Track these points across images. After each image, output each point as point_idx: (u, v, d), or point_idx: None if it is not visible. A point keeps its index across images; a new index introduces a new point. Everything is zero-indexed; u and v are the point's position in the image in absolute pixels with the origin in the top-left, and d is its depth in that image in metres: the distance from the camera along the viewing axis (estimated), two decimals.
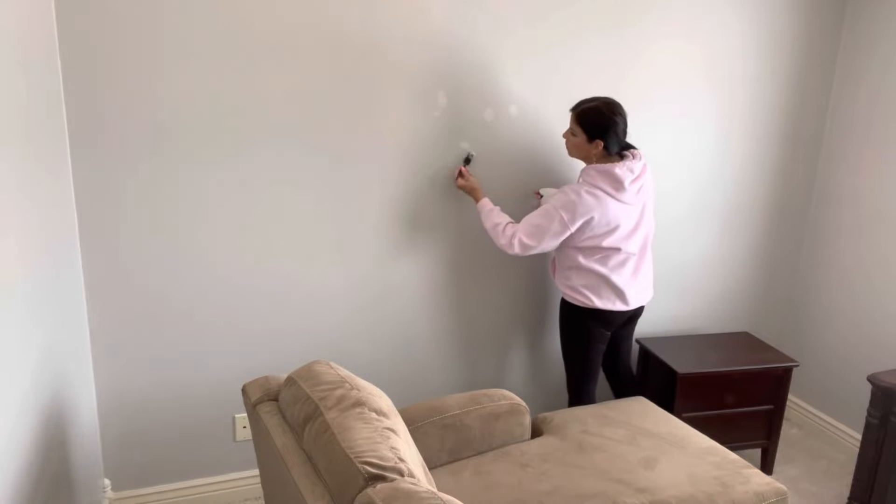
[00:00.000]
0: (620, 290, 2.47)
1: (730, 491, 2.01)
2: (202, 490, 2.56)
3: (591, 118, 2.34)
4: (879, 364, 2.90)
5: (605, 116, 2.33)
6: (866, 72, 2.92)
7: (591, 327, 2.53)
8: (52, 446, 1.84)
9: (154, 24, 2.11)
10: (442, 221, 2.62)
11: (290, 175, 2.37)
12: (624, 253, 2.44)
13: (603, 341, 2.59)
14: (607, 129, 2.34)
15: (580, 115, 2.36)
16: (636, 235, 2.45)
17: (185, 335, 2.39)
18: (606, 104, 2.35)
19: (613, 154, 2.40)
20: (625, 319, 2.60)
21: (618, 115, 2.34)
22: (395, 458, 1.40)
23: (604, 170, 2.35)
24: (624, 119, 2.36)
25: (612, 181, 2.35)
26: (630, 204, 2.39)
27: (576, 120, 2.38)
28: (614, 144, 2.37)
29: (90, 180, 2.17)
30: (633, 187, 2.38)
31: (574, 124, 2.38)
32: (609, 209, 2.35)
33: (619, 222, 2.38)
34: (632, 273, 2.49)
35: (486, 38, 2.48)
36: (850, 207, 3.03)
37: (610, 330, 2.58)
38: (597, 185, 2.35)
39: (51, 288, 1.88)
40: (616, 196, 2.35)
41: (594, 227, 2.36)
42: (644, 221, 2.47)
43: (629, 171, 2.36)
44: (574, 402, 2.65)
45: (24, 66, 1.69)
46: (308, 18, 2.25)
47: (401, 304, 2.65)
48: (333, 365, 1.72)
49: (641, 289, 2.55)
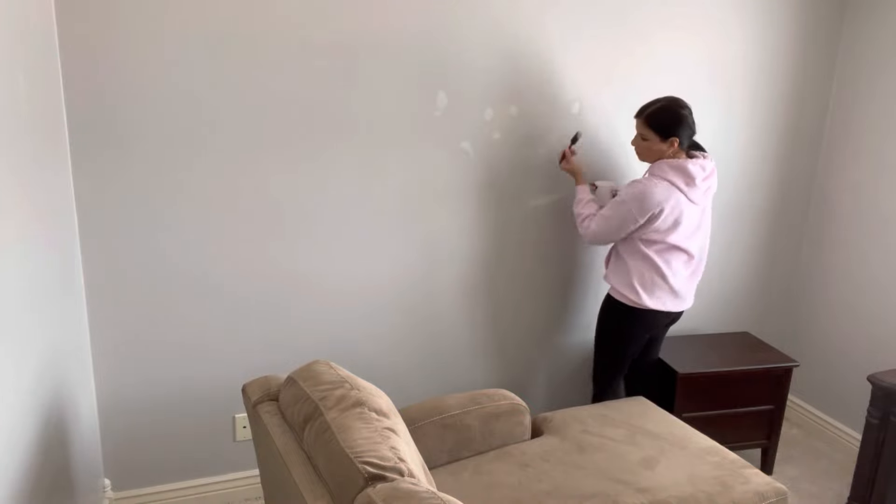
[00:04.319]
0: (675, 290, 2.47)
1: (730, 491, 2.01)
2: (202, 490, 2.56)
3: (661, 118, 2.36)
4: (880, 364, 2.90)
5: (675, 112, 2.35)
6: (866, 70, 2.92)
7: (633, 327, 2.53)
8: (52, 446, 1.84)
9: (154, 24, 2.11)
10: (442, 222, 2.62)
11: (291, 175, 2.37)
12: (686, 253, 2.44)
13: (641, 343, 2.59)
14: (679, 125, 2.35)
15: (649, 117, 2.37)
16: (697, 236, 2.45)
17: (185, 335, 2.39)
18: (672, 101, 2.37)
19: (685, 150, 2.41)
20: (666, 322, 2.60)
21: (685, 108, 2.37)
22: (395, 458, 1.40)
23: (676, 164, 2.35)
24: (691, 112, 2.38)
25: (684, 176, 2.35)
26: (696, 203, 2.40)
27: (645, 124, 2.38)
28: (687, 139, 2.39)
29: (90, 180, 2.17)
30: (703, 185, 2.39)
31: (644, 129, 2.39)
32: (678, 203, 2.35)
33: (684, 219, 2.38)
34: (690, 275, 2.50)
35: (487, 37, 2.48)
36: (850, 207, 3.03)
37: (651, 332, 2.58)
38: (668, 178, 2.35)
39: (51, 288, 1.88)
40: (686, 192, 2.35)
41: (662, 220, 2.35)
42: (704, 224, 2.47)
43: (701, 169, 2.37)
44: (598, 396, 2.67)
45: (24, 66, 1.69)
46: (308, 18, 2.25)
47: (401, 304, 2.65)
48: (333, 365, 1.72)
49: (690, 293, 2.55)
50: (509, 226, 2.71)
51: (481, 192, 2.63)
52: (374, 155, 2.45)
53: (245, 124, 2.28)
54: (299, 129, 2.34)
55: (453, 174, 2.57)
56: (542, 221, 2.75)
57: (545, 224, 2.76)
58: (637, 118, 2.42)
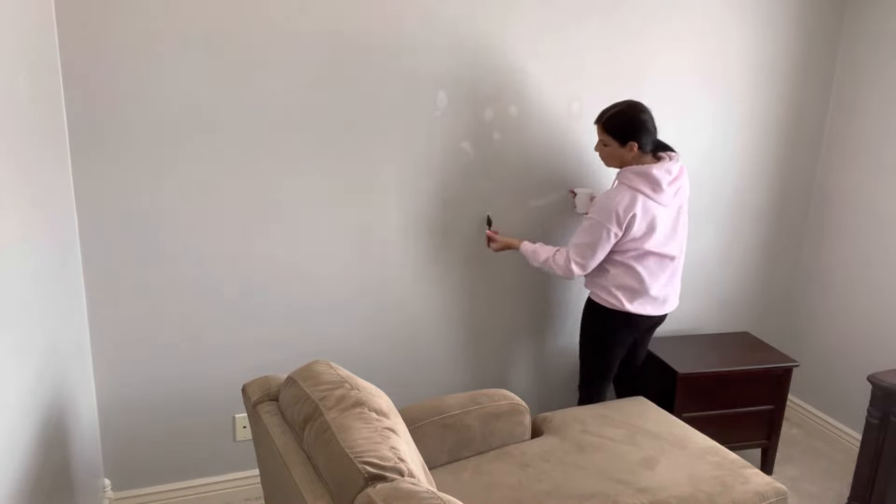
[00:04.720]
0: (654, 295, 2.46)
1: (730, 491, 2.01)
2: (202, 490, 2.56)
3: (617, 123, 2.35)
4: (880, 364, 2.90)
5: (631, 117, 2.34)
6: (866, 70, 2.92)
7: (616, 331, 2.52)
8: (52, 446, 1.84)
9: (154, 25, 2.11)
10: (442, 222, 2.62)
11: (291, 175, 2.37)
12: (664, 256, 2.43)
13: (625, 346, 2.58)
14: (637, 129, 2.34)
15: (606, 122, 2.37)
16: (675, 239, 2.44)
17: (185, 335, 2.39)
18: (629, 105, 2.37)
19: (648, 153, 2.40)
20: (649, 325, 2.59)
21: (643, 112, 2.36)
22: (395, 457, 1.40)
23: (641, 171, 2.34)
24: (650, 115, 2.37)
25: (649, 182, 2.34)
26: (667, 206, 2.39)
27: (603, 129, 2.38)
28: (648, 143, 2.37)
29: (90, 180, 2.17)
30: (671, 189, 2.37)
31: (603, 134, 2.39)
32: (648, 209, 2.34)
33: (658, 223, 2.37)
34: (668, 278, 2.48)
35: (487, 37, 2.48)
36: (849, 207, 3.03)
37: (634, 335, 2.57)
38: (634, 186, 2.34)
39: (51, 288, 1.88)
40: (654, 197, 2.34)
41: (637, 226, 2.34)
42: (680, 225, 2.46)
43: (667, 173, 2.35)
44: (584, 402, 2.65)
45: (24, 67, 1.69)
46: (308, 19, 2.25)
47: (401, 304, 2.65)
48: (333, 365, 1.72)
49: (673, 295, 2.54)
50: (509, 226, 2.71)
51: (482, 192, 2.63)
52: (374, 155, 2.45)
53: (245, 124, 2.28)
54: (299, 129, 2.34)
55: (453, 174, 2.57)
56: (542, 221, 2.75)
57: (546, 224, 2.76)
58: (596, 124, 2.41)
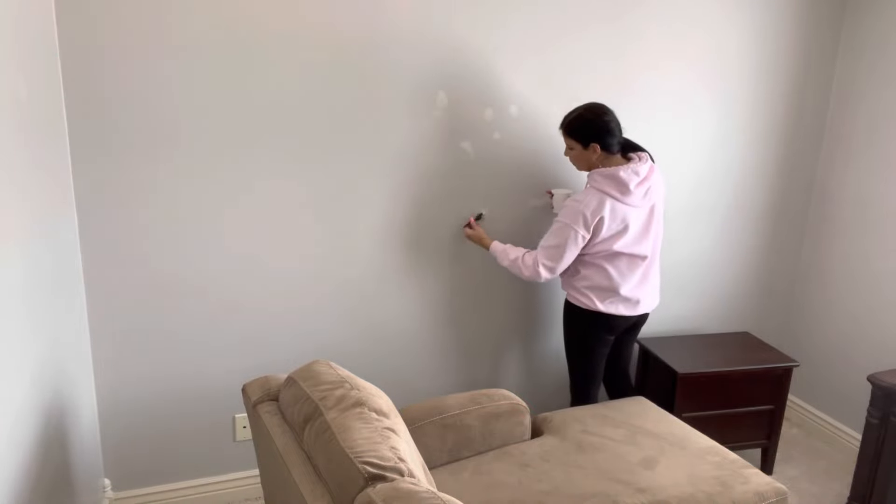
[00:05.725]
0: (626, 296, 2.46)
1: (730, 491, 2.01)
2: (202, 490, 2.56)
3: (577, 126, 2.36)
4: (879, 364, 2.90)
5: (590, 119, 2.34)
6: (866, 69, 2.92)
7: (593, 331, 2.52)
8: (52, 446, 1.84)
9: (154, 24, 2.11)
10: (442, 222, 2.62)
11: (291, 175, 2.37)
12: (634, 257, 2.43)
13: (606, 345, 2.57)
14: (598, 131, 2.34)
15: (567, 127, 2.38)
16: (647, 239, 2.44)
17: (185, 335, 2.39)
18: (588, 108, 2.37)
19: (616, 153, 2.39)
20: (629, 325, 2.59)
21: (604, 114, 2.35)
22: (395, 457, 1.40)
23: (608, 174, 2.34)
24: (613, 116, 2.36)
25: (616, 184, 2.34)
26: (638, 206, 2.38)
27: (566, 133, 2.39)
28: (612, 144, 2.37)
29: (90, 180, 2.17)
30: (640, 190, 2.37)
31: (566, 138, 2.40)
32: (617, 210, 2.34)
33: (628, 223, 2.37)
34: (640, 279, 2.47)
35: (487, 37, 2.48)
36: (850, 206, 3.03)
37: (613, 335, 2.57)
38: (601, 188, 2.34)
39: (51, 288, 1.88)
40: (622, 199, 2.34)
41: (605, 228, 2.34)
42: (653, 224, 2.45)
43: (634, 174, 2.35)
44: (576, 405, 2.65)
45: (24, 68, 1.69)
46: (308, 19, 2.25)
47: (401, 304, 2.65)
48: (333, 365, 1.72)
49: (648, 295, 2.53)
50: (509, 225, 2.71)
51: (482, 191, 2.63)
52: (374, 155, 2.45)
53: (246, 125, 2.28)
54: (301, 131, 2.34)
55: (453, 174, 2.57)
56: (542, 221, 2.75)
57: (546, 224, 2.76)
58: (560, 129, 2.42)
